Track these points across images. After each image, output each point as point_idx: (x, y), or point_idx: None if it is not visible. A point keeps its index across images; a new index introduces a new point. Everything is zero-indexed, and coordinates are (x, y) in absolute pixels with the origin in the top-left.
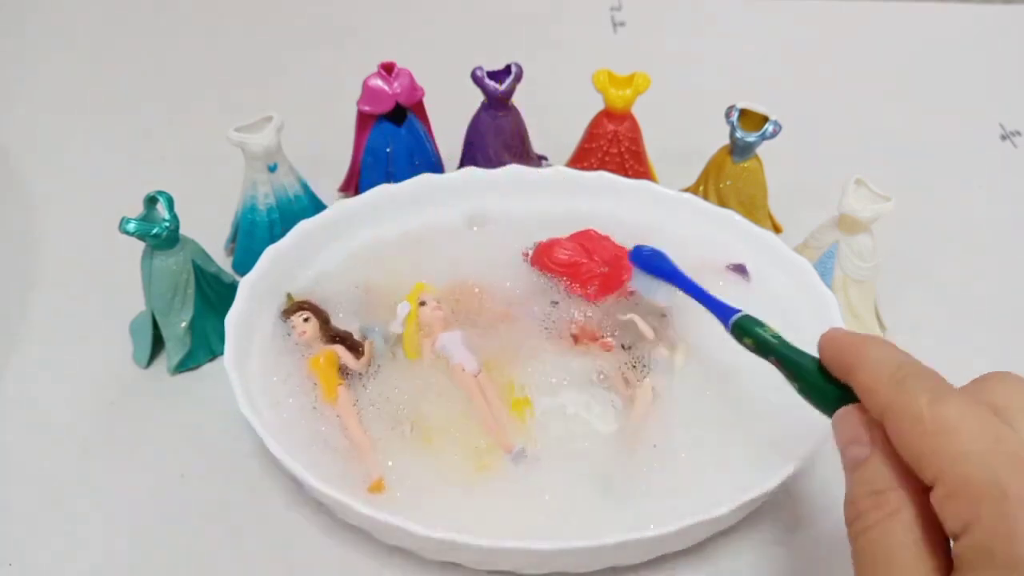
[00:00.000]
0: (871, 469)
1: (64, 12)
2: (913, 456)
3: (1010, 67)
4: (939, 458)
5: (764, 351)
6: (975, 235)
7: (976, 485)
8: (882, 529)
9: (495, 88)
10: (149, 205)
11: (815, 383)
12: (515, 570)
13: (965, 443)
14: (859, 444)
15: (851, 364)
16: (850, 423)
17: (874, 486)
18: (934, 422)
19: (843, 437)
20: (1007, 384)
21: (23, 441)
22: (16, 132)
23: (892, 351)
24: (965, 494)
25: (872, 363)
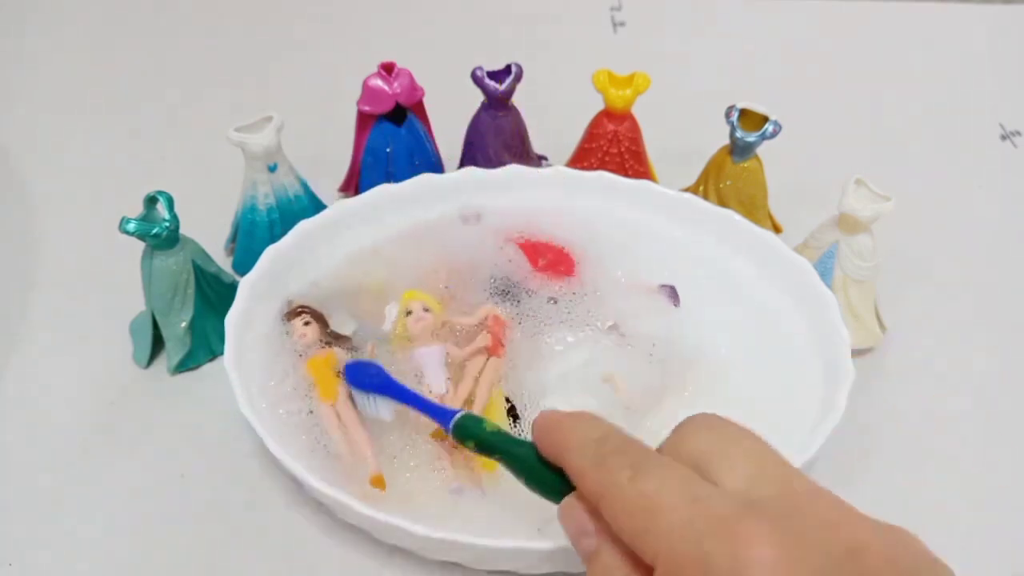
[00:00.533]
0: (603, 561)
1: (64, 12)
2: (630, 540)
3: (1010, 67)
4: (650, 538)
5: (488, 450)
6: (975, 235)
7: (687, 562)
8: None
9: (495, 88)
10: (149, 205)
11: (538, 474)
12: (515, 570)
13: (667, 517)
14: (587, 535)
15: (560, 447)
16: (574, 515)
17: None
18: (637, 500)
19: (571, 530)
20: (704, 430)
21: (23, 441)
22: (16, 132)
23: (595, 426)
24: (680, 573)
25: (577, 443)
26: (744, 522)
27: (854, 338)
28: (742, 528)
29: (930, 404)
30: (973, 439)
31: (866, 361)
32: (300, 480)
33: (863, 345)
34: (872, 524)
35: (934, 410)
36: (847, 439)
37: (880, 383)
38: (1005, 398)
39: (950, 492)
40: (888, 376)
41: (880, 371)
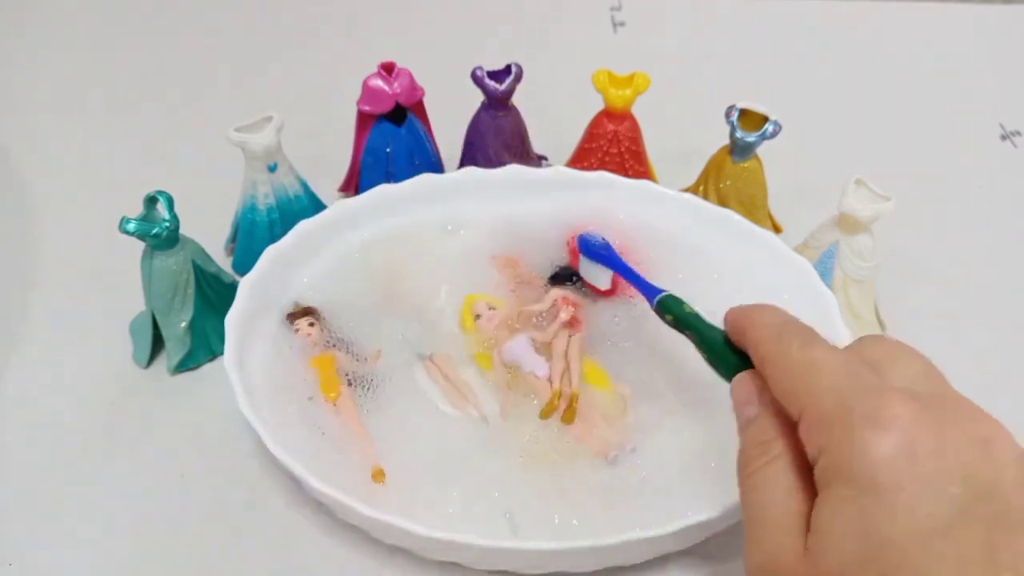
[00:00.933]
0: (759, 424)
1: (64, 12)
2: (784, 396)
3: (1010, 67)
4: (803, 394)
5: (682, 326)
6: (975, 235)
7: (830, 412)
8: (763, 473)
9: (495, 88)
10: (149, 205)
11: (720, 352)
12: (515, 570)
13: (824, 378)
14: (751, 404)
15: (745, 326)
16: (744, 386)
17: (761, 438)
18: (801, 363)
19: (738, 398)
20: (879, 343)
21: (23, 441)
22: (16, 132)
23: (779, 314)
24: (821, 422)
25: (760, 322)
26: (892, 393)
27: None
28: (888, 393)
29: None
30: None
31: None
32: (300, 480)
33: None
34: (1013, 439)
35: None
36: None
37: None
38: (1005, 398)
39: None
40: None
41: None
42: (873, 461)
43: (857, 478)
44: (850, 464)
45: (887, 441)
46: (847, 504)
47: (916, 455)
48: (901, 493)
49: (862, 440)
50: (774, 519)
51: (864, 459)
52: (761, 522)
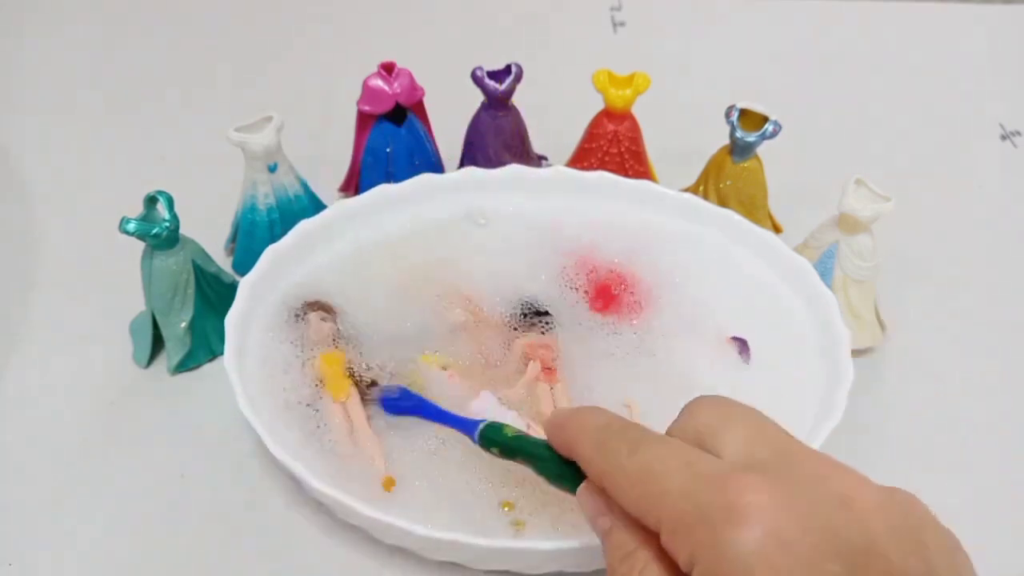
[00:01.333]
0: (616, 536)
1: (64, 12)
2: (634, 508)
3: (1010, 67)
4: (651, 503)
5: (510, 453)
6: (975, 235)
7: (685, 518)
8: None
9: (495, 88)
10: (149, 205)
11: (557, 469)
12: (515, 570)
13: (665, 481)
14: (601, 515)
15: (569, 440)
16: (590, 499)
17: (623, 550)
18: (636, 472)
19: (588, 512)
20: (707, 407)
21: (23, 441)
22: (16, 132)
23: (599, 417)
24: (680, 530)
25: (582, 434)
26: (737, 475)
27: (854, 338)
28: (735, 480)
29: (930, 404)
30: (973, 439)
31: (866, 361)
32: (300, 480)
33: (863, 345)
34: (868, 481)
35: (934, 410)
36: (847, 439)
37: (880, 383)
38: (1005, 398)
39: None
40: (888, 376)
41: (880, 371)
42: (745, 561)
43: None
44: (724, 569)
45: (751, 535)
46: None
47: (785, 541)
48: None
49: (727, 541)
50: None
51: (736, 561)
52: None
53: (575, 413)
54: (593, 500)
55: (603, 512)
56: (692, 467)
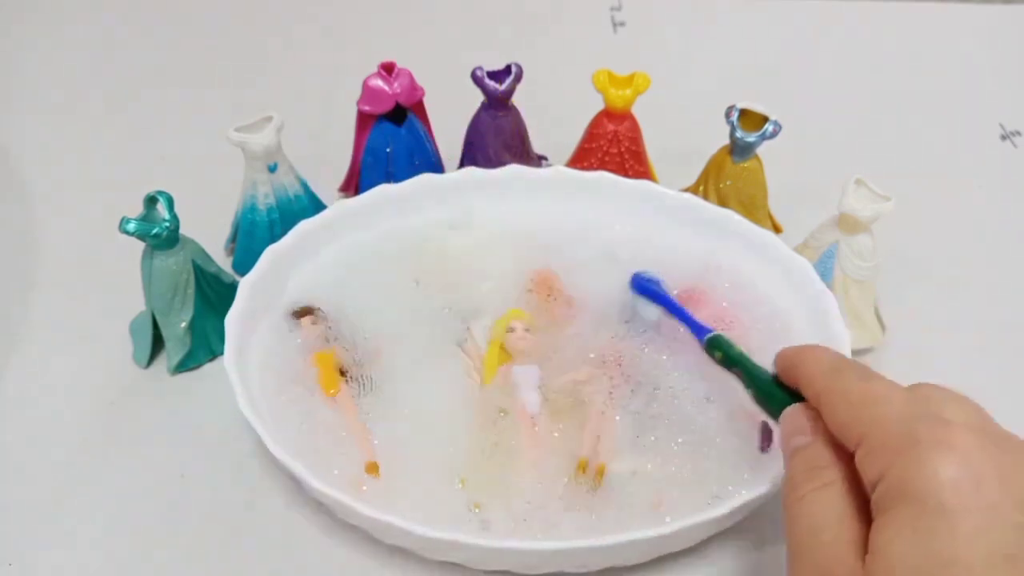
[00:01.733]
0: (811, 450)
1: (64, 12)
2: (842, 426)
3: (1010, 67)
4: (863, 423)
5: (729, 363)
6: (975, 235)
7: (892, 439)
8: (814, 497)
9: (495, 88)
10: (149, 205)
11: (768, 389)
12: (515, 570)
13: (888, 407)
14: (802, 434)
15: (798, 363)
16: (795, 418)
17: (813, 463)
18: (862, 394)
19: (787, 429)
20: (934, 387)
21: (23, 441)
22: (16, 132)
23: (833, 352)
24: (885, 447)
25: (813, 359)
26: (956, 424)
27: (854, 338)
28: (953, 426)
29: None
30: None
31: (866, 361)
32: (300, 480)
33: (863, 345)
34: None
35: None
36: None
37: None
38: (1005, 398)
39: None
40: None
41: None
42: (940, 484)
43: (922, 500)
44: (915, 486)
45: (954, 466)
46: (910, 525)
47: (982, 482)
48: (968, 517)
49: (929, 462)
50: (827, 543)
51: (930, 481)
52: (812, 546)
53: (811, 346)
54: (798, 419)
55: (804, 431)
56: (918, 405)
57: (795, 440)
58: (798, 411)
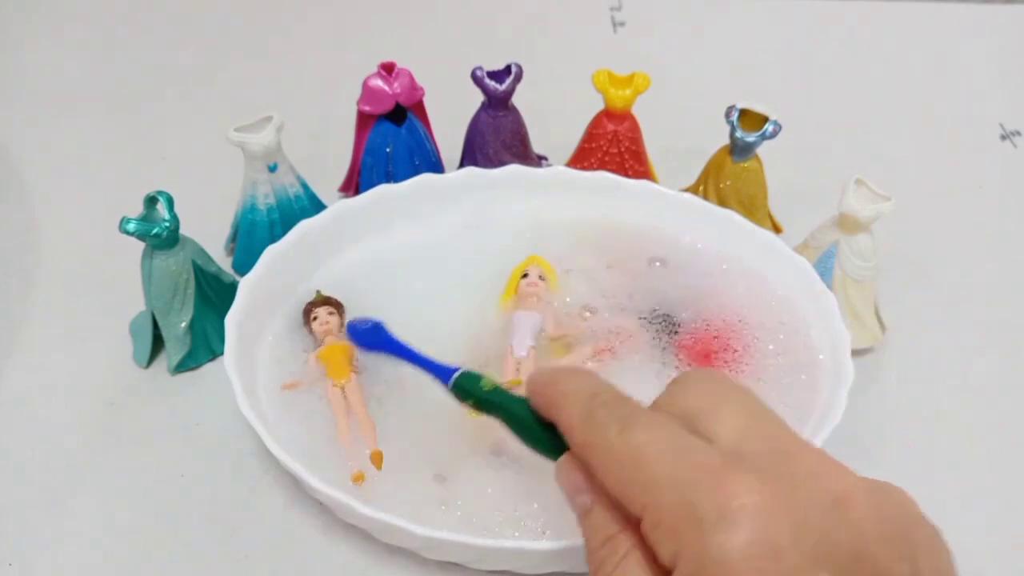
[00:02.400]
0: (597, 517)
1: (64, 12)
2: (617, 490)
3: (1010, 67)
4: (637, 489)
5: (485, 407)
6: (975, 235)
7: (671, 511)
8: (616, 568)
9: (495, 88)
10: (149, 205)
11: (534, 431)
12: (515, 570)
13: (654, 468)
14: (581, 493)
15: (552, 402)
16: (569, 473)
17: (604, 533)
18: (624, 453)
19: (567, 488)
20: (701, 385)
21: (23, 441)
22: (16, 132)
23: (588, 382)
24: (665, 522)
25: (568, 400)
26: (729, 472)
27: (854, 338)
28: (727, 477)
29: (930, 404)
30: (973, 439)
31: (866, 361)
32: (300, 480)
33: (863, 345)
34: (860, 478)
35: (934, 410)
36: (847, 439)
37: (880, 383)
38: (1005, 398)
39: (950, 492)
40: (888, 376)
41: (880, 371)
42: (732, 568)
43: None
44: (712, 571)
45: (740, 540)
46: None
47: (775, 547)
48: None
49: (716, 545)
50: None
51: (722, 566)
52: None
53: (561, 375)
54: (573, 475)
55: (583, 490)
56: (683, 456)
57: (577, 500)
58: (571, 465)
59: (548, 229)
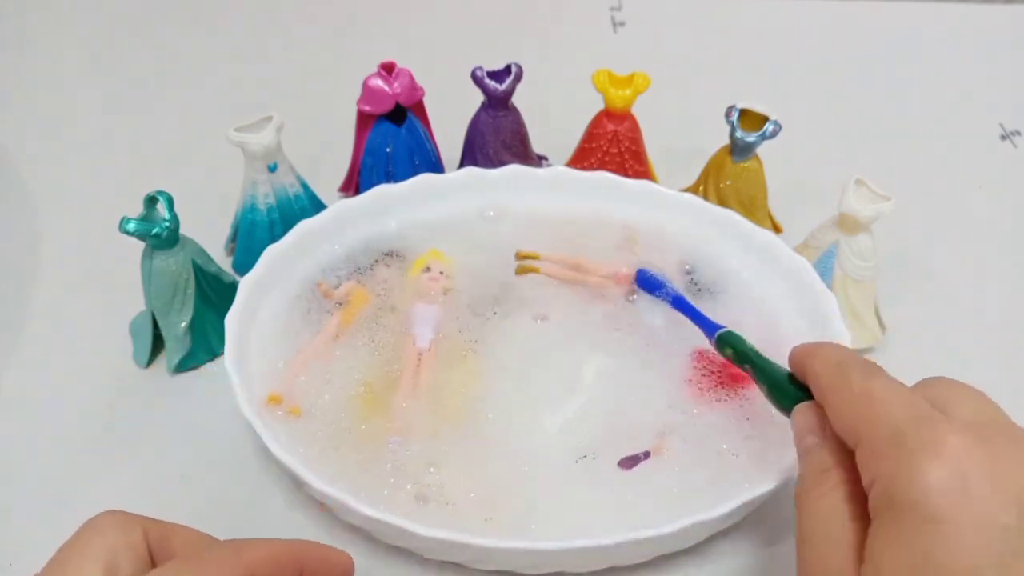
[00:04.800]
0: (819, 453)
1: (64, 12)
2: (843, 426)
3: (1010, 67)
4: (861, 424)
5: (740, 360)
6: (975, 235)
7: (885, 441)
8: (821, 502)
9: (495, 88)
10: (149, 205)
11: (781, 385)
12: (515, 570)
13: (882, 408)
14: (811, 434)
15: (807, 359)
16: (805, 417)
17: (821, 466)
18: (860, 394)
19: (799, 428)
20: (945, 383)
21: (23, 441)
22: (16, 132)
23: (842, 349)
24: (876, 450)
25: (822, 356)
26: (946, 423)
27: (854, 338)
28: (943, 425)
29: None
30: None
31: None
32: (300, 480)
33: (863, 345)
34: None
35: None
36: None
37: None
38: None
39: None
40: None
41: None
42: (925, 490)
43: (909, 507)
44: (903, 493)
45: (940, 470)
46: (899, 534)
47: (969, 485)
48: (954, 523)
49: (915, 468)
50: (829, 549)
51: (916, 488)
52: (816, 549)
53: (821, 342)
54: (808, 418)
55: (813, 431)
56: (911, 406)
57: (805, 440)
58: (807, 410)
59: (548, 229)
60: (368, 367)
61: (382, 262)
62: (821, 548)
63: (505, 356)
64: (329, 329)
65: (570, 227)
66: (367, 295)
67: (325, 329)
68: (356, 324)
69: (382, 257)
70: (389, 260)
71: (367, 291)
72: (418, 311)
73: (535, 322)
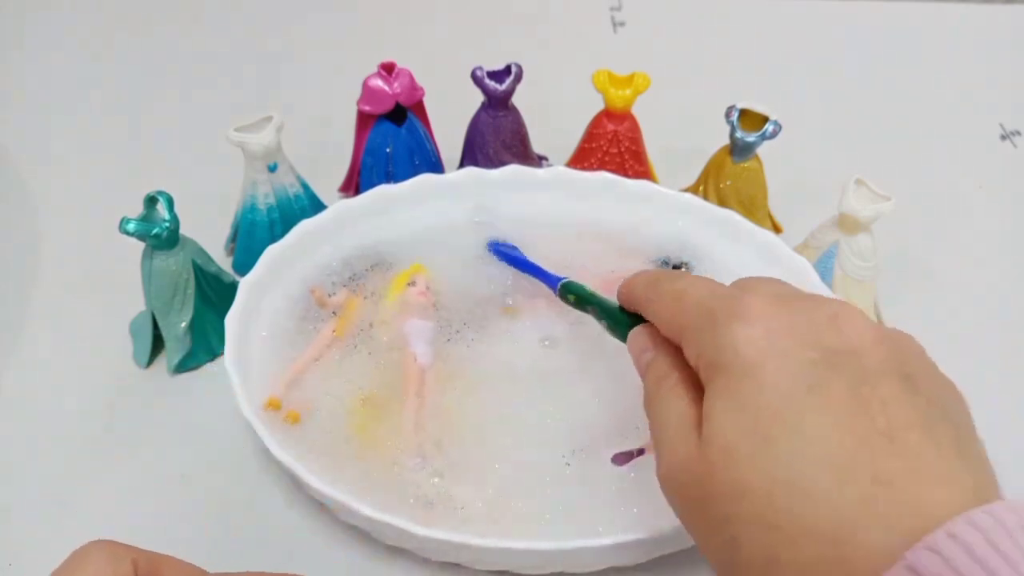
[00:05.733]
0: (655, 364)
1: (64, 12)
2: (666, 327)
3: (1010, 67)
4: (679, 316)
5: (582, 303)
6: (975, 235)
7: (698, 321)
8: (664, 400)
9: (495, 88)
10: (149, 205)
11: (617, 317)
12: (515, 570)
13: (690, 298)
14: (647, 350)
15: (628, 287)
16: (638, 338)
17: (658, 374)
18: (672, 293)
19: (635, 349)
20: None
21: (23, 441)
22: (16, 132)
23: (654, 270)
24: (694, 331)
25: (639, 279)
26: (747, 294)
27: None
28: (745, 296)
29: None
30: None
31: None
32: (300, 480)
33: None
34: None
35: None
36: None
37: None
38: (1005, 398)
39: None
40: None
41: None
42: (736, 347)
43: (728, 365)
44: (721, 355)
45: (747, 329)
46: (724, 389)
47: (774, 335)
48: (766, 366)
49: (727, 333)
50: (674, 429)
51: (730, 347)
52: (664, 437)
53: (639, 272)
54: (641, 338)
55: (647, 348)
56: (719, 289)
57: (642, 358)
58: (639, 331)
59: (548, 229)
60: (364, 377)
61: (375, 270)
62: (668, 432)
63: (503, 364)
64: (324, 337)
65: (570, 228)
66: (361, 304)
67: (320, 338)
68: (351, 333)
69: (374, 266)
70: (382, 268)
71: (361, 300)
72: (413, 327)
73: (534, 328)
